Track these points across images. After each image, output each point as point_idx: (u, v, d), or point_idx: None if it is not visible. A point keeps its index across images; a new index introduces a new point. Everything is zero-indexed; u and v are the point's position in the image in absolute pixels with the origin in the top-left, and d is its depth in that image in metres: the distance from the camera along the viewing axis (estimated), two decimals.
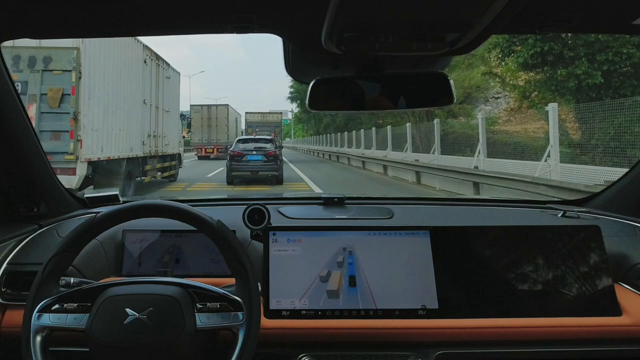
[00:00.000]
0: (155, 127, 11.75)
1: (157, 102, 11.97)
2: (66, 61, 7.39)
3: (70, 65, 7.38)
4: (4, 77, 1.14)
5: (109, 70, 8.73)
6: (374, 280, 1.13)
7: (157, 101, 11.92)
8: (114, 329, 0.87)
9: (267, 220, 1.20)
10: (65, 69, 7.38)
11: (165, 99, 12.72)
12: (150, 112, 11.36)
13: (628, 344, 1.10)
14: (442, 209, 1.65)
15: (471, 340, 1.11)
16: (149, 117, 11.31)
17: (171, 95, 13.49)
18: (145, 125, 10.93)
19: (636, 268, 1.19)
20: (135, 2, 0.87)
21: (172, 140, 13.46)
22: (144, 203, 1.00)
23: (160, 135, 12.26)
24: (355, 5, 0.74)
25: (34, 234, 1.31)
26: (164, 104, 12.64)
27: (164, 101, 12.63)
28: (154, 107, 11.70)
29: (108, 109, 8.76)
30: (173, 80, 13.67)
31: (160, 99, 12.20)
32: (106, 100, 8.67)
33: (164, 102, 12.63)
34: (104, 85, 8.52)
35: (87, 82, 7.76)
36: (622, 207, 1.44)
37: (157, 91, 11.97)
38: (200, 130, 27.75)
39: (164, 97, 12.55)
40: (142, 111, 10.73)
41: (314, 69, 1.14)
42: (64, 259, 0.96)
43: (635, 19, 0.97)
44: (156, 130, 11.82)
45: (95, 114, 8.12)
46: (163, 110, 12.52)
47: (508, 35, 9.88)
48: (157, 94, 11.92)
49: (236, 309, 0.92)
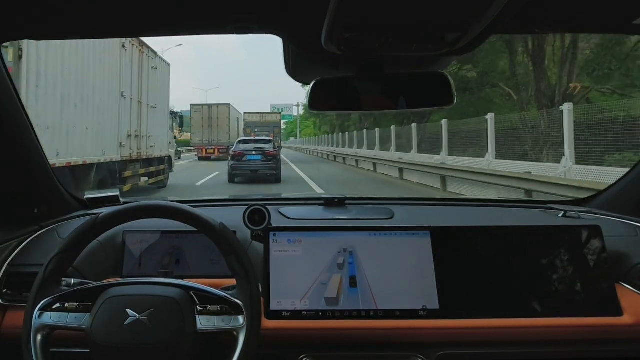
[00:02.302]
0: (137, 125, 9.92)
1: (140, 96, 10.08)
2: None
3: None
4: (4, 77, 1.13)
5: (71, 53, 6.98)
6: (374, 280, 1.13)
7: (140, 95, 10.03)
8: (114, 329, 0.87)
9: (267, 220, 1.19)
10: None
11: (151, 93, 10.82)
12: (130, 108, 9.51)
13: (629, 344, 1.11)
14: (442, 209, 1.65)
15: (472, 341, 1.11)
16: (129, 113, 9.47)
17: (159, 89, 11.57)
18: (123, 124, 9.10)
19: (637, 268, 1.18)
20: (136, 3, 0.88)
21: (159, 141, 11.62)
22: (144, 204, 1.00)
23: (145, 135, 10.43)
24: (355, 5, 0.75)
25: (35, 235, 1.31)
26: (150, 99, 10.77)
27: (150, 95, 10.76)
28: (136, 102, 9.85)
29: (68, 101, 6.95)
30: (161, 72, 11.77)
31: (144, 92, 10.30)
32: (66, 90, 6.86)
33: (150, 97, 10.76)
34: (61, 71, 6.71)
35: (35, 65, 6.01)
36: (623, 207, 1.43)
37: (141, 83, 10.09)
38: (201, 130, 27.24)
39: (149, 90, 10.67)
40: (119, 106, 8.89)
41: (314, 69, 1.14)
42: (65, 259, 0.96)
43: (635, 19, 0.97)
44: (139, 129, 9.98)
45: (47, 106, 6.36)
46: (148, 106, 10.67)
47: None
48: (140, 87, 10.03)
49: (237, 312, 0.92)
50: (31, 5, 0.87)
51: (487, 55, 16.00)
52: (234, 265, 0.96)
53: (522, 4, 0.81)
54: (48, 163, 1.35)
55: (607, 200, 1.52)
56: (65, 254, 0.95)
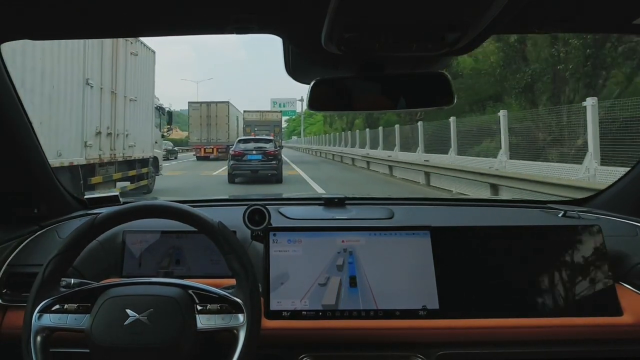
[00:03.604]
0: (110, 121, 8.30)
1: (115, 87, 8.46)
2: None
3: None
4: (4, 77, 1.13)
5: None
6: (374, 280, 1.13)
7: (114, 85, 8.41)
8: (114, 329, 0.87)
9: (267, 220, 1.19)
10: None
11: (129, 84, 9.21)
12: (101, 100, 7.90)
13: (629, 344, 1.11)
14: (442, 209, 1.64)
15: (472, 341, 1.11)
16: (99, 106, 7.85)
17: (140, 79, 9.92)
18: (91, 119, 7.48)
19: (637, 268, 1.18)
20: (136, 3, 0.88)
21: (141, 140, 10.00)
22: (144, 204, 1.00)
23: (121, 133, 8.82)
24: (355, 5, 0.75)
25: (34, 235, 1.30)
26: (128, 90, 9.15)
27: (128, 86, 9.14)
28: (108, 93, 8.23)
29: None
30: (143, 59, 10.10)
31: (120, 82, 8.70)
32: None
33: (128, 88, 9.14)
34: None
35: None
36: (623, 207, 1.43)
37: (116, 71, 8.49)
38: (199, 129, 26.41)
39: (127, 80, 9.06)
40: (84, 97, 7.26)
41: (314, 69, 1.14)
42: (64, 259, 0.95)
43: (635, 18, 0.97)
44: (112, 125, 8.36)
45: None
46: (125, 98, 9.04)
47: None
48: (114, 75, 8.42)
49: (237, 311, 0.92)
50: (31, 5, 0.87)
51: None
52: (233, 264, 0.96)
53: (522, 4, 0.82)
54: (48, 163, 1.35)
55: (607, 200, 1.51)
56: (64, 255, 0.95)
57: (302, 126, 53.78)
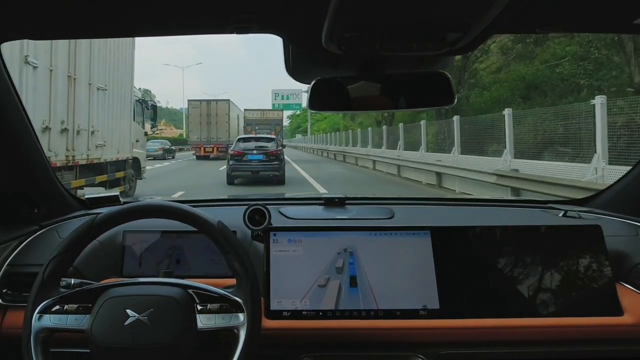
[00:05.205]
0: (67, 114, 6.54)
1: (74, 70, 6.70)
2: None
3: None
4: (4, 77, 1.13)
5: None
6: (375, 280, 1.13)
7: (71, 68, 6.65)
8: (114, 330, 0.87)
9: (267, 220, 1.19)
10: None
11: (97, 69, 7.46)
12: (50, 86, 6.12)
13: (629, 344, 1.11)
14: (442, 209, 1.65)
15: (472, 341, 1.11)
16: (48, 94, 6.07)
17: (113, 65, 8.20)
18: (32, 109, 5.69)
19: (637, 268, 1.18)
20: (136, 3, 0.87)
21: (114, 139, 8.31)
22: (144, 204, 1.00)
23: (84, 129, 7.10)
24: (356, 5, 0.75)
25: (34, 235, 1.31)
26: (95, 77, 7.39)
27: (95, 72, 7.39)
28: (64, 78, 6.46)
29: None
30: (118, 41, 8.40)
31: (82, 65, 6.94)
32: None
33: (95, 74, 7.39)
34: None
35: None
36: (624, 207, 1.43)
37: (75, 51, 6.72)
38: (199, 127, 25.91)
39: (92, 64, 7.29)
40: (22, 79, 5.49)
41: (314, 69, 1.14)
42: (64, 260, 0.95)
43: (635, 18, 0.97)
44: (68, 120, 6.59)
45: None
46: (90, 86, 7.28)
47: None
48: (72, 55, 6.66)
49: (237, 310, 0.92)
50: (31, 5, 0.87)
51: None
52: (233, 263, 0.96)
53: (522, 4, 0.82)
54: (48, 163, 1.35)
55: (608, 200, 1.51)
56: (63, 256, 0.95)
57: (309, 122, 49.52)
